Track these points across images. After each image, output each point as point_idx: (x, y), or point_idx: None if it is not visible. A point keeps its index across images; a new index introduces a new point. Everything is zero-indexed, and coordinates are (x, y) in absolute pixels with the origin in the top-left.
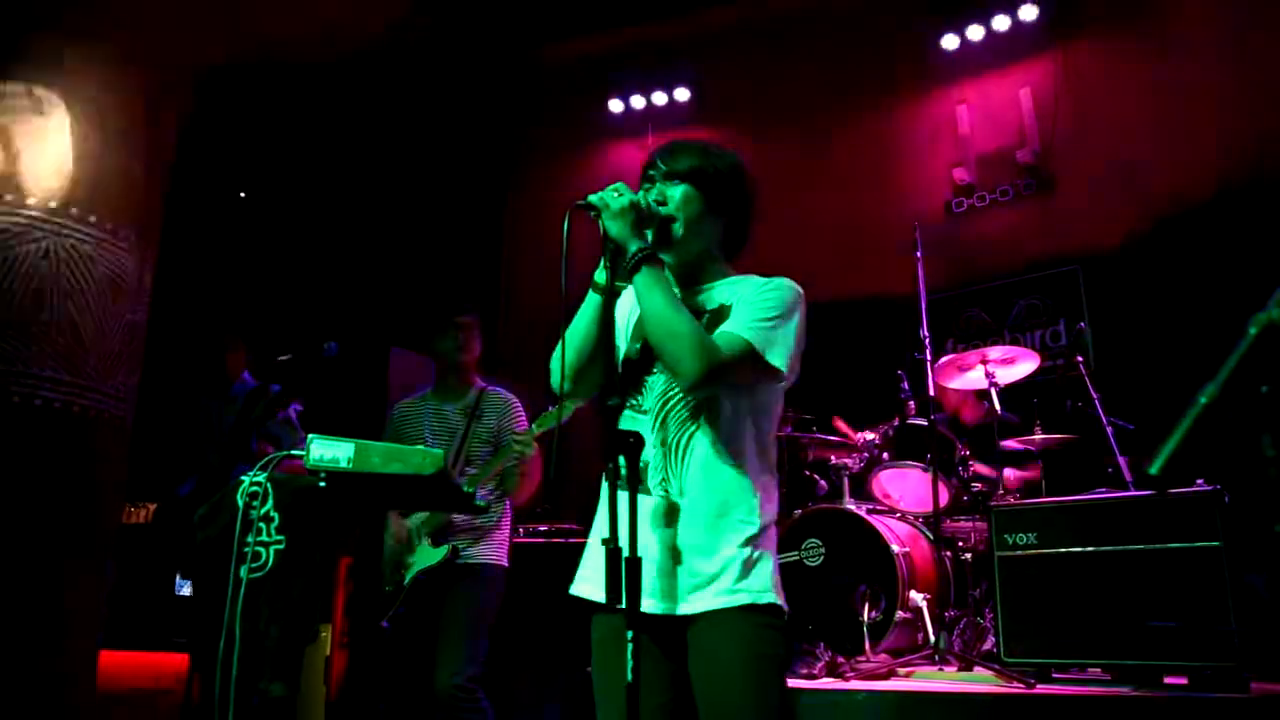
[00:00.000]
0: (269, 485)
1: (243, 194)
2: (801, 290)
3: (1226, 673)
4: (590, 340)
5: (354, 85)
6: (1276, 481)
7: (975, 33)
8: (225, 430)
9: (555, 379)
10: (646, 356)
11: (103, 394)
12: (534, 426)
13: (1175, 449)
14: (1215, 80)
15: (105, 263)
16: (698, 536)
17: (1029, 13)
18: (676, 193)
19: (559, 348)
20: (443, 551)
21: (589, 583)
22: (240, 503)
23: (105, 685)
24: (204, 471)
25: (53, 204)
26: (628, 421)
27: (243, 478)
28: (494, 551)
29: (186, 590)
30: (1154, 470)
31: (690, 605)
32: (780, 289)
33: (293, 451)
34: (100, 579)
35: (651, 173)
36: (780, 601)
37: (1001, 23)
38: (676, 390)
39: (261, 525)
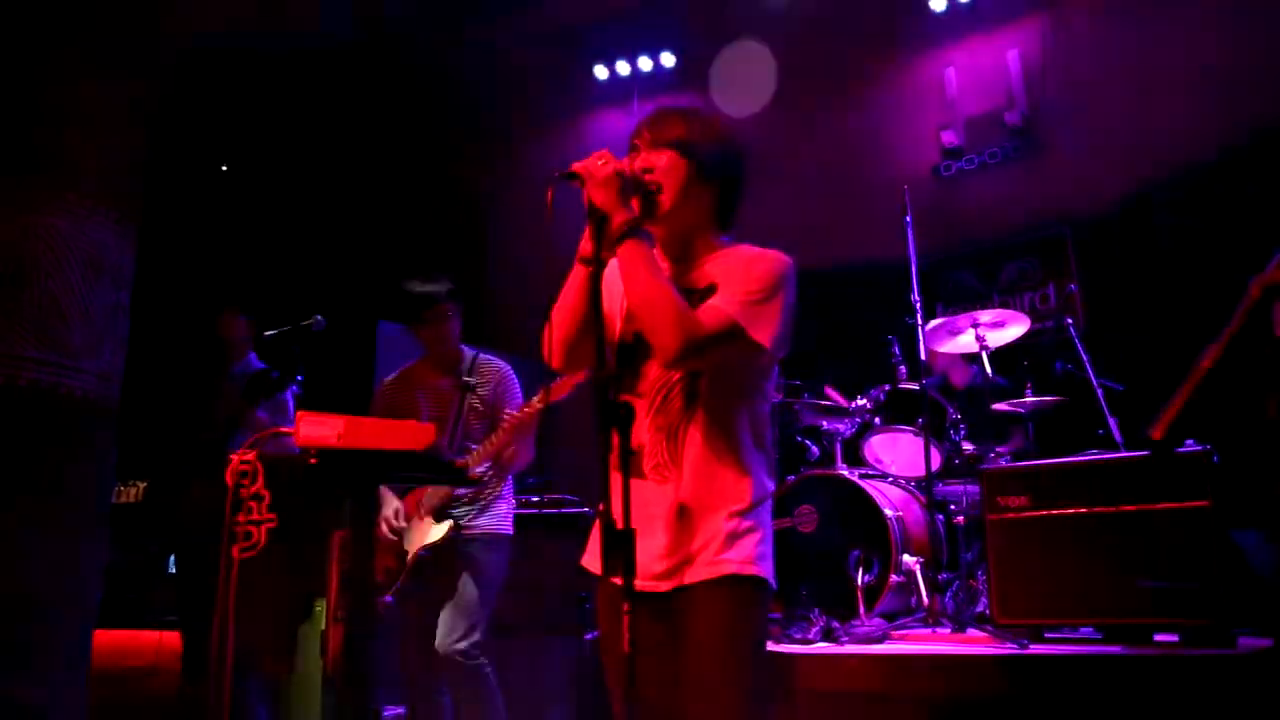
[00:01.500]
0: (259, 463)
1: (224, 167)
2: (792, 262)
3: (1214, 630)
4: (579, 313)
5: (335, 57)
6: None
7: None
8: (221, 409)
9: (546, 350)
10: (640, 339)
11: (88, 374)
12: (528, 403)
13: (1178, 412)
14: (1208, 41)
15: (85, 239)
16: (690, 517)
17: None
18: (663, 160)
19: (549, 320)
20: (445, 527)
21: (593, 555)
22: (231, 481)
23: (99, 664)
24: (197, 450)
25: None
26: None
27: (232, 456)
28: (498, 521)
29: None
30: (1157, 434)
31: (679, 579)
32: (771, 262)
33: (281, 429)
34: (93, 561)
35: (637, 141)
36: (763, 574)
37: None
38: (670, 375)
39: (252, 504)
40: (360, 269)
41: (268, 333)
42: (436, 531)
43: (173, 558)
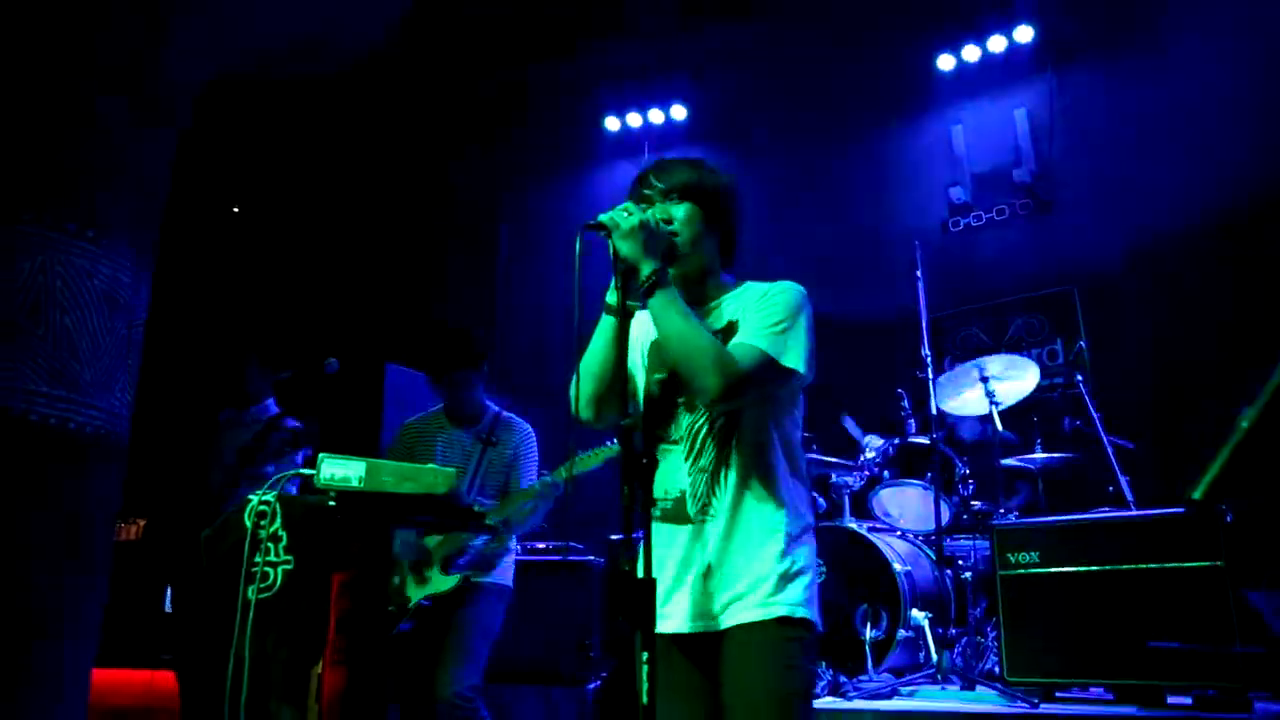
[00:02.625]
0: (277, 504)
1: (235, 209)
2: (804, 289)
3: (1230, 693)
4: (609, 364)
5: (350, 102)
6: None
7: (971, 54)
8: (233, 452)
9: (574, 404)
10: (669, 387)
11: (98, 411)
12: (556, 474)
13: (1219, 471)
14: (1213, 100)
15: (101, 277)
16: (736, 556)
17: (1024, 34)
18: (680, 211)
19: (576, 375)
20: (454, 580)
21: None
22: (248, 523)
23: (96, 702)
24: (206, 492)
25: (49, 218)
26: (660, 454)
27: (250, 497)
28: (500, 573)
29: None
30: (1198, 495)
31: (726, 620)
32: (785, 292)
33: (302, 470)
34: (95, 598)
35: (647, 191)
36: (812, 617)
37: (997, 44)
38: (704, 417)
39: (270, 545)
40: (369, 312)
41: (281, 375)
42: (446, 583)
43: (169, 596)
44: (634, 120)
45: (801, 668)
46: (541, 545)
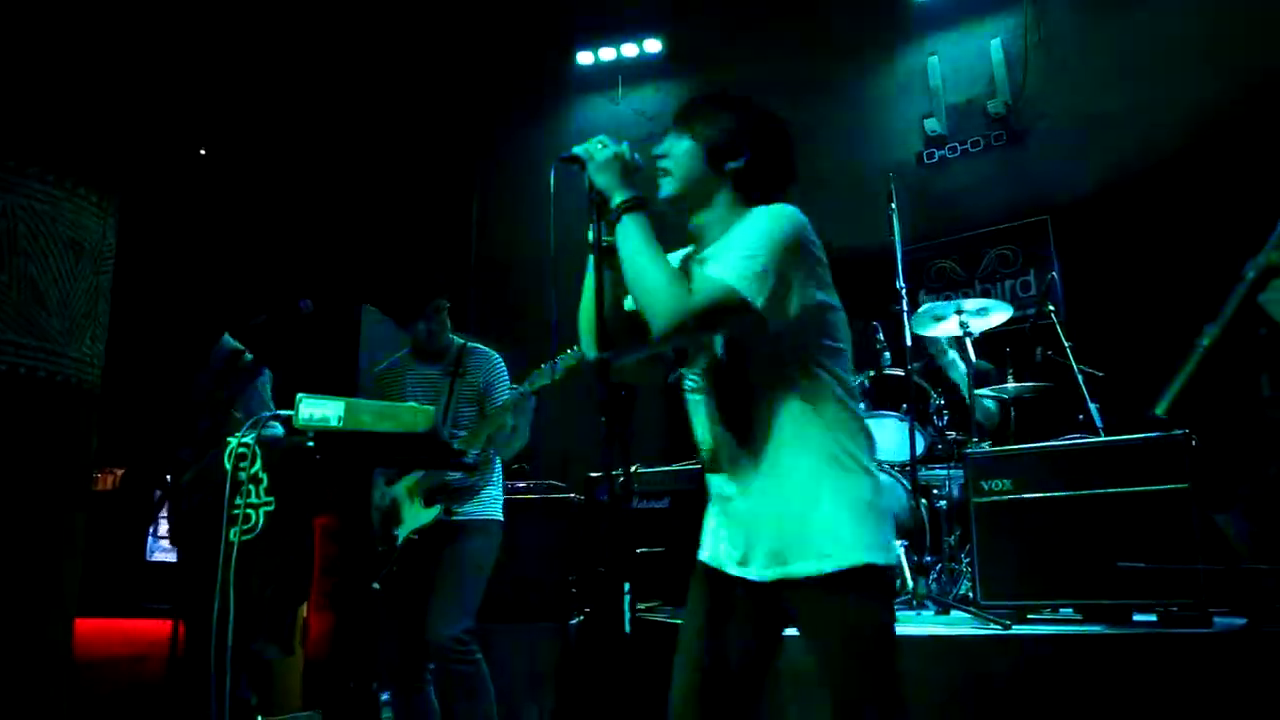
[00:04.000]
0: (256, 447)
1: (202, 150)
2: (795, 211)
3: (1191, 609)
4: (597, 302)
5: (319, 40)
6: (1275, 421)
7: None
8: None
9: (583, 343)
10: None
11: (69, 359)
12: (526, 384)
13: (1180, 390)
14: (1187, 30)
15: (65, 222)
16: (778, 507)
17: None
18: (680, 145)
19: (581, 312)
20: (434, 511)
21: (705, 549)
22: (228, 465)
23: (80, 653)
24: (197, 439)
25: (10, 162)
26: (690, 404)
27: (229, 439)
28: (487, 508)
29: (158, 556)
30: (1160, 410)
31: (783, 570)
32: (765, 218)
33: (278, 412)
34: (75, 547)
35: (668, 129)
36: (877, 560)
37: None
38: (724, 362)
39: (250, 487)
40: (343, 254)
41: (255, 319)
42: (426, 516)
43: (155, 544)
44: (607, 54)
45: (871, 632)
46: (522, 484)
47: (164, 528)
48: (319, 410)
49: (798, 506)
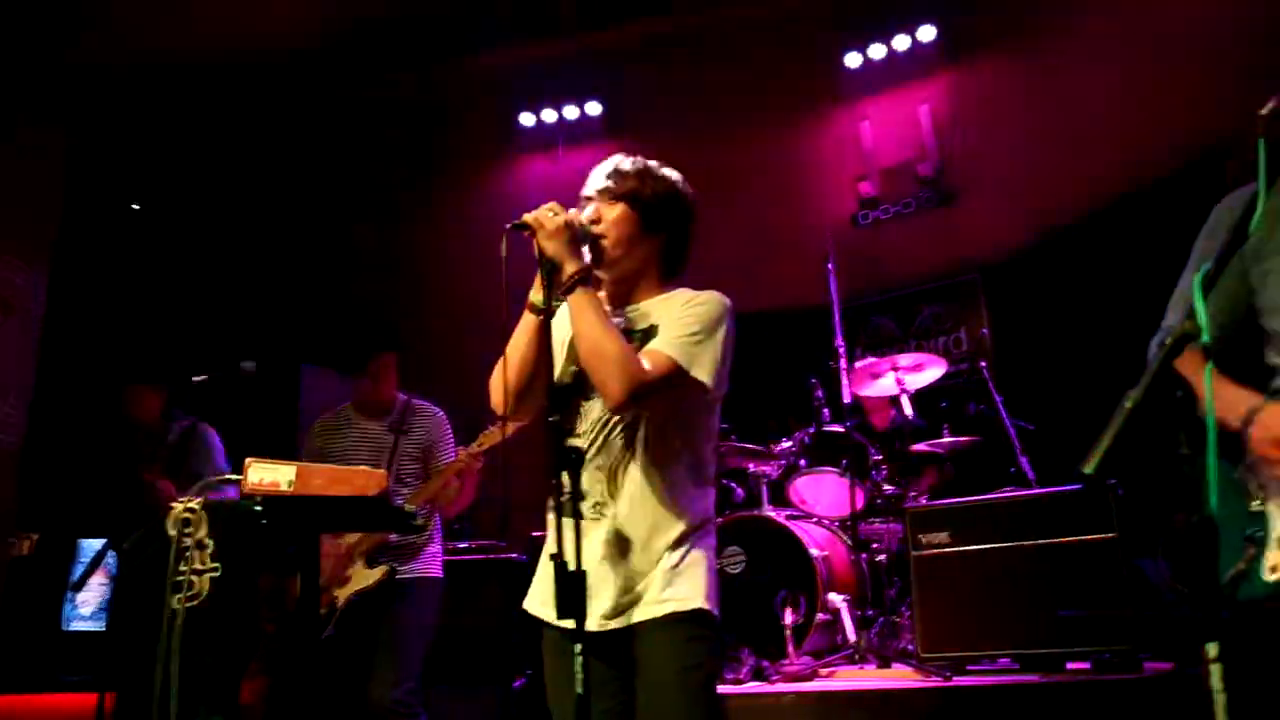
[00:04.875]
0: (204, 511)
1: (135, 206)
2: (728, 301)
3: (1123, 655)
4: (530, 360)
5: (260, 99)
6: (1191, 476)
7: (877, 51)
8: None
9: (495, 398)
10: (579, 380)
11: None
12: (475, 445)
13: (1107, 449)
14: (1103, 94)
15: None
16: (631, 556)
17: (927, 33)
18: (612, 213)
19: (499, 368)
20: (378, 573)
21: (538, 598)
22: (173, 531)
23: None
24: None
25: None
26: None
27: (174, 504)
28: (428, 565)
29: (76, 625)
30: (1090, 470)
31: (625, 620)
32: (706, 303)
33: (228, 476)
34: None
35: (589, 193)
36: (708, 607)
37: (901, 42)
38: (610, 416)
39: (195, 552)
40: (283, 312)
41: (196, 378)
42: (369, 577)
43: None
44: (549, 115)
45: (704, 664)
46: (463, 545)
47: (93, 594)
48: (269, 474)
49: (652, 560)
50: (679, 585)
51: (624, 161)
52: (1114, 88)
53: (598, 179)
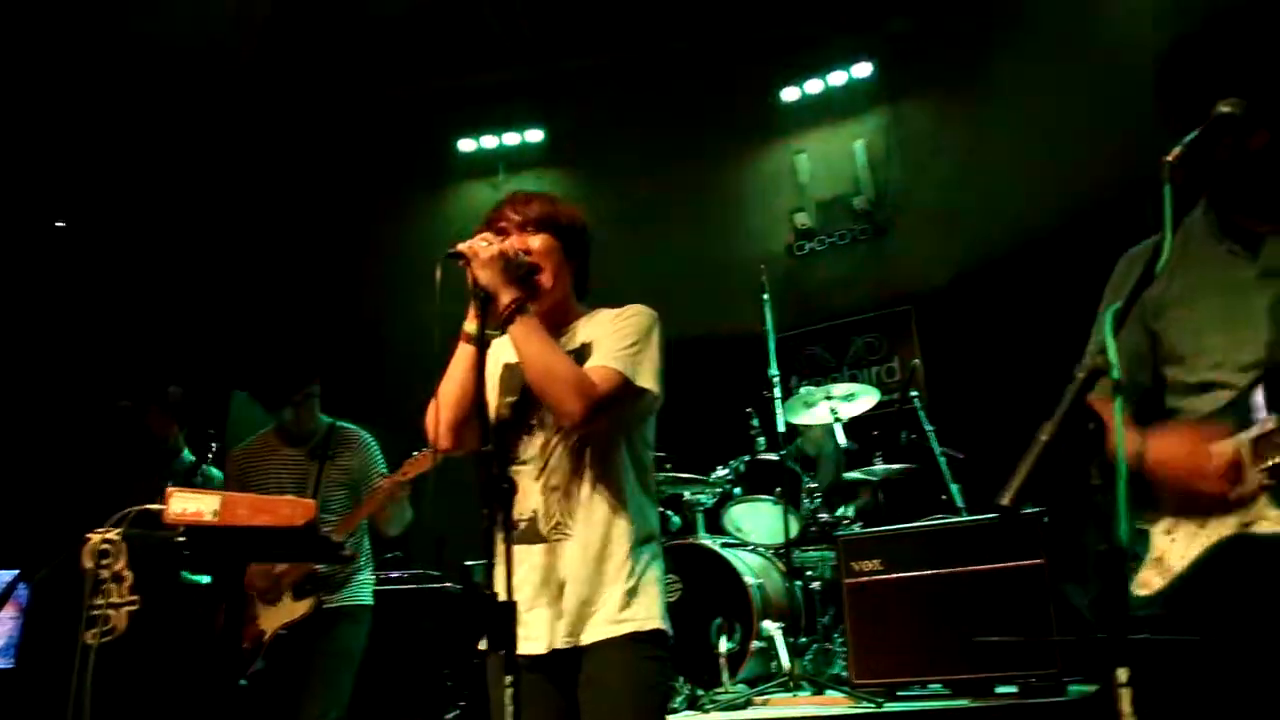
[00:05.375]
0: (122, 542)
1: (60, 223)
2: (654, 312)
3: (1049, 679)
4: (468, 392)
5: (200, 123)
6: (1102, 506)
7: (814, 86)
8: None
9: (432, 430)
10: (520, 410)
11: None
12: (403, 471)
13: (1023, 481)
14: (1031, 133)
15: None
16: (587, 573)
17: (863, 70)
18: (537, 242)
19: (434, 402)
20: (306, 604)
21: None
22: (89, 563)
23: None
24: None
25: None
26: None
27: (89, 536)
28: (356, 593)
29: None
30: (1005, 501)
31: (583, 638)
32: (636, 315)
33: (148, 506)
34: None
35: (504, 224)
36: (665, 628)
37: (838, 78)
38: (555, 437)
39: (112, 586)
40: (213, 336)
41: (121, 403)
42: (297, 609)
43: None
44: (489, 141)
45: (657, 686)
46: (395, 574)
47: (2, 629)
48: (192, 504)
49: (610, 576)
50: (637, 605)
51: (529, 193)
52: (1044, 126)
53: (510, 211)
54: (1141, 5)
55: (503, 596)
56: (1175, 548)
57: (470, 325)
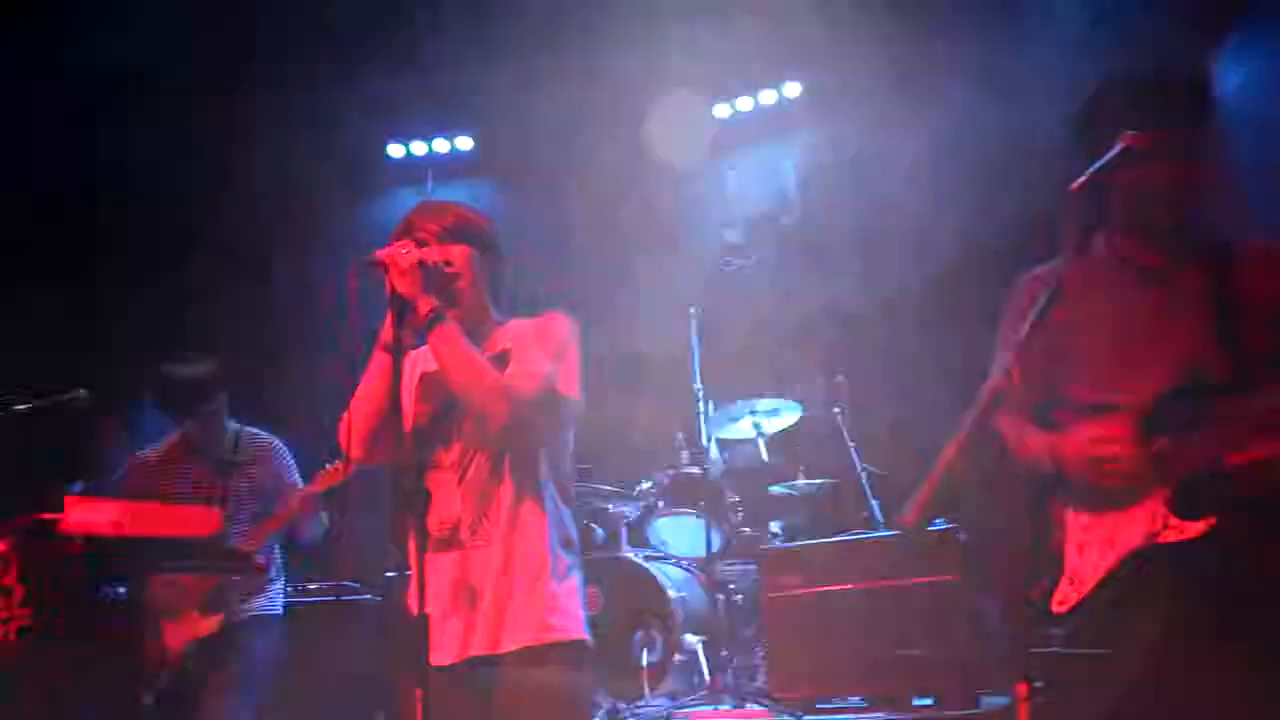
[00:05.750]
0: (12, 553)
1: None
2: (573, 319)
3: (963, 692)
4: (383, 401)
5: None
6: (1007, 520)
7: (744, 104)
8: None
9: (346, 440)
10: (438, 419)
11: None
12: (317, 480)
13: (926, 497)
14: (955, 157)
15: None
16: (506, 580)
17: (792, 90)
18: (457, 252)
19: (350, 409)
20: (216, 620)
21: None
22: None
23: None
24: None
25: None
26: (431, 484)
27: None
28: (268, 603)
29: None
30: (909, 519)
31: (501, 645)
32: (556, 322)
33: (43, 515)
34: None
35: (423, 235)
36: (585, 638)
37: (768, 97)
38: (475, 444)
39: (2, 599)
40: (122, 340)
41: (19, 406)
42: (206, 624)
43: None
44: (418, 148)
45: (576, 698)
46: (313, 585)
47: None
48: (91, 514)
49: (529, 583)
50: (556, 614)
51: (442, 202)
52: (963, 154)
53: (427, 221)
54: (1058, 38)
55: (415, 608)
56: (1088, 562)
57: (387, 334)
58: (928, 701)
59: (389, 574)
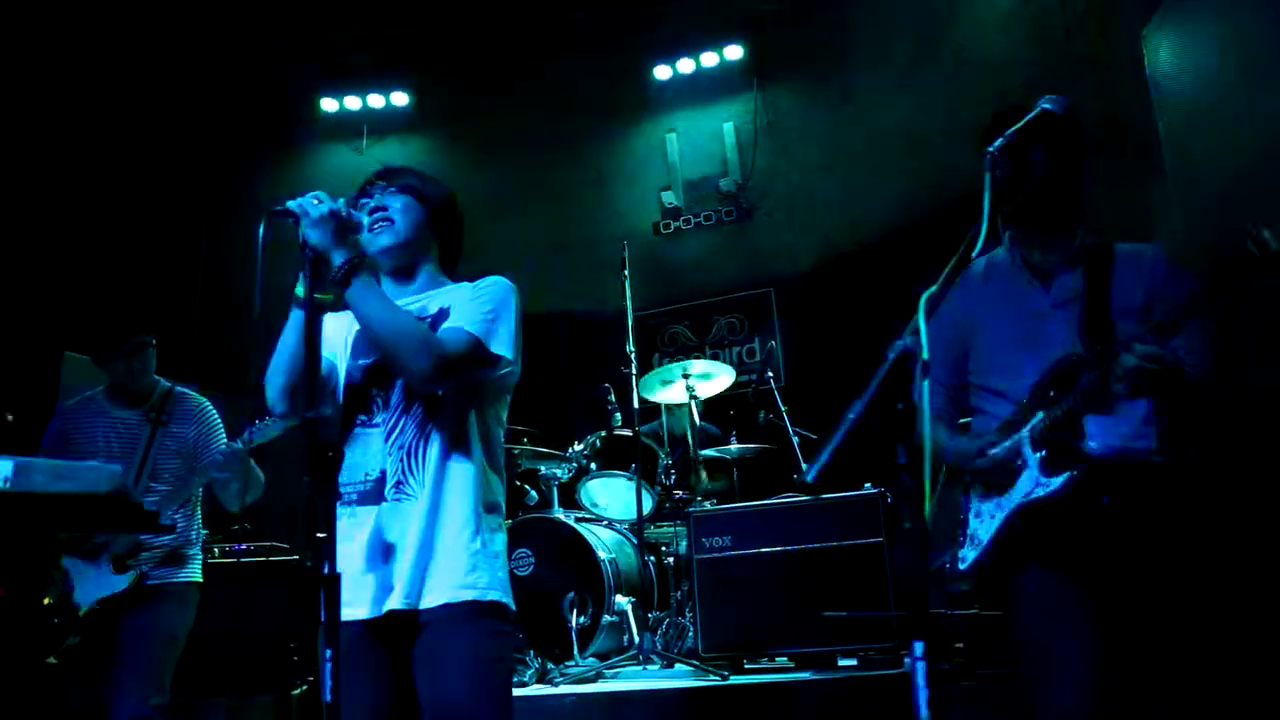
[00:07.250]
0: None
1: None
2: (512, 284)
3: (887, 653)
4: (299, 357)
5: (44, 74)
6: (910, 484)
7: (686, 65)
8: None
9: (269, 397)
10: (371, 373)
11: None
12: (242, 440)
13: (828, 460)
14: (888, 126)
15: None
16: (432, 536)
17: (734, 52)
18: (397, 201)
19: (270, 366)
20: (127, 578)
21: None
22: None
23: None
24: None
25: None
26: (360, 438)
27: None
28: (184, 568)
29: None
30: (810, 478)
31: (421, 602)
32: (495, 284)
33: None
34: None
35: (371, 189)
36: (507, 601)
37: (710, 59)
38: (406, 400)
39: None
40: (45, 294)
41: None
42: (117, 583)
43: None
44: (352, 103)
45: (498, 659)
46: (242, 546)
47: None
48: None
49: (450, 541)
50: (478, 574)
51: (400, 166)
52: (899, 124)
53: (376, 178)
54: (990, 15)
55: (325, 568)
56: (982, 526)
57: (300, 288)
58: (852, 662)
59: (320, 535)
